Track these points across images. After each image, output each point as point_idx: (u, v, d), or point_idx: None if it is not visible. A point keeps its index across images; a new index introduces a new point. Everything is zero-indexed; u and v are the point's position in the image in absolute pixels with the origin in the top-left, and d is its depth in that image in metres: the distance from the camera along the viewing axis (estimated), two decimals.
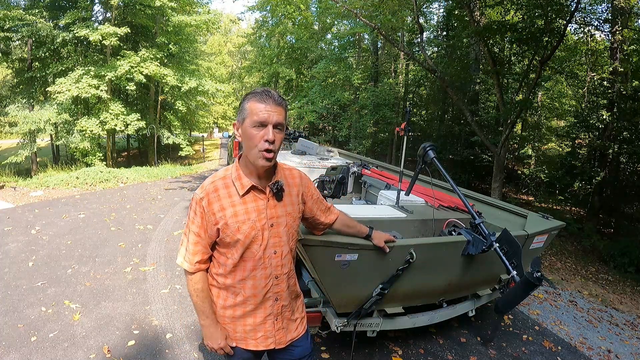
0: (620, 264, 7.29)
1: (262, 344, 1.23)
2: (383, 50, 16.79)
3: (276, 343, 1.24)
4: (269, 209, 1.17)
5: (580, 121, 10.15)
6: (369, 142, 14.06)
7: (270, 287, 1.20)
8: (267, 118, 1.07)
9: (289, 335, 1.28)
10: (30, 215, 5.68)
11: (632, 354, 3.03)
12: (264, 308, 1.21)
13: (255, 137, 1.08)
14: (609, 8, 8.59)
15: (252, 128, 1.09)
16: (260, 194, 1.17)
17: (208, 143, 26.01)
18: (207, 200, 1.14)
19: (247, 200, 1.15)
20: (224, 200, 1.14)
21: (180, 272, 3.69)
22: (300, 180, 1.30)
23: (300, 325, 1.33)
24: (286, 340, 1.27)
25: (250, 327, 1.22)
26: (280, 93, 1.23)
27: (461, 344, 2.71)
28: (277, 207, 1.19)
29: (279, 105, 1.09)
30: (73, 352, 2.36)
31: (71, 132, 13.23)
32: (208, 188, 1.16)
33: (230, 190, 1.15)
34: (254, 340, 1.22)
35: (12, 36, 12.53)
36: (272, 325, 1.23)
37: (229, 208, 1.13)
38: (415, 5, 8.39)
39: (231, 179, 1.17)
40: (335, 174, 4.05)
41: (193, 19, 14.49)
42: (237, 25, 37.08)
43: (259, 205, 1.16)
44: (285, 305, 1.25)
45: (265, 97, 1.08)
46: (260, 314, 1.21)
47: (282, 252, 1.20)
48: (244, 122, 1.11)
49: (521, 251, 1.79)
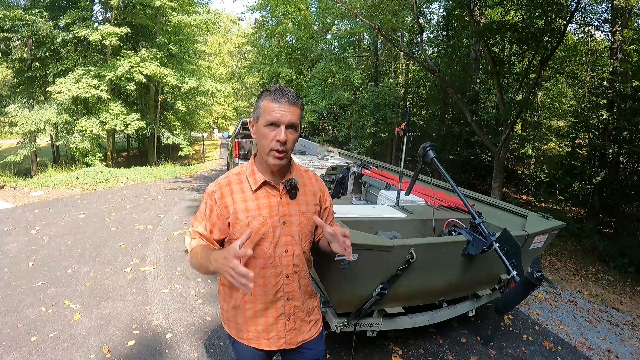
0: (620, 264, 7.28)
1: (275, 344, 1.22)
2: (383, 50, 16.78)
3: (286, 343, 1.23)
4: (281, 206, 1.15)
5: (580, 121, 10.15)
6: (369, 142, 14.04)
7: (280, 287, 1.18)
8: (280, 118, 1.05)
9: (300, 336, 1.26)
10: (30, 215, 5.68)
11: (632, 354, 3.02)
12: (275, 308, 1.19)
13: (268, 137, 1.07)
14: (609, 8, 8.59)
15: (265, 127, 1.07)
16: (273, 190, 1.15)
17: (208, 143, 26.01)
18: (219, 194, 1.14)
19: (260, 196, 1.14)
20: (236, 195, 1.14)
21: (180, 272, 3.69)
22: (316, 182, 1.28)
23: (314, 327, 1.31)
24: (297, 341, 1.25)
25: (263, 327, 1.20)
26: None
27: (461, 344, 2.71)
28: (290, 205, 1.17)
29: (293, 104, 1.07)
30: (73, 352, 2.36)
31: (71, 132, 13.24)
32: (222, 182, 1.16)
33: (244, 185, 1.15)
34: (266, 340, 1.21)
35: (12, 36, 12.53)
36: (284, 325, 1.22)
37: (241, 203, 1.13)
38: (415, 5, 8.39)
39: (245, 175, 1.17)
40: (335, 174, 4.05)
41: (193, 19, 14.51)
42: (237, 25, 37.11)
43: (272, 201, 1.15)
44: (297, 306, 1.23)
45: (279, 97, 1.06)
46: (272, 313, 1.20)
47: (293, 251, 1.18)
48: (258, 121, 1.10)
49: (521, 251, 1.79)
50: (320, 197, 1.27)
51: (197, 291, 3.31)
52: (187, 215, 6.02)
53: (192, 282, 3.47)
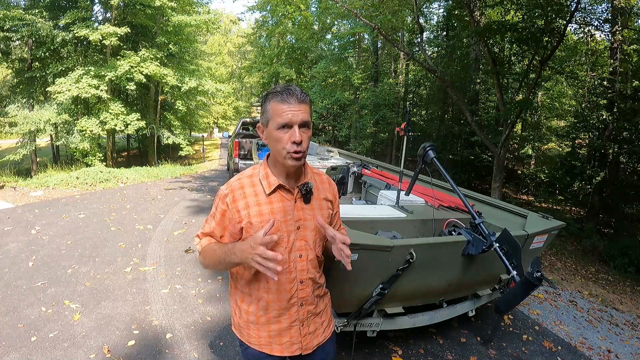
0: (620, 264, 7.29)
1: (288, 349, 1.19)
2: (383, 50, 16.79)
3: (302, 349, 1.20)
4: (296, 210, 1.12)
5: (580, 121, 10.15)
6: (369, 142, 14.05)
7: (294, 292, 1.15)
8: (292, 119, 1.01)
9: (315, 340, 1.23)
10: (30, 215, 5.68)
11: (632, 354, 3.02)
12: (289, 314, 1.17)
13: (282, 140, 1.03)
14: (609, 8, 8.60)
15: (277, 130, 1.03)
16: (287, 194, 1.12)
17: (208, 143, 26.00)
18: (231, 197, 1.11)
19: (274, 200, 1.10)
20: (249, 199, 1.10)
21: (180, 272, 3.69)
22: (329, 186, 1.25)
23: (328, 328, 1.29)
24: (313, 345, 1.23)
25: (276, 333, 1.18)
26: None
27: (461, 344, 2.71)
28: (305, 210, 1.14)
29: (302, 102, 1.03)
30: (73, 352, 2.36)
31: (71, 132, 13.22)
32: (234, 185, 1.12)
33: (257, 188, 1.11)
34: (279, 346, 1.18)
35: (12, 36, 12.51)
36: (298, 331, 1.19)
37: (254, 207, 1.09)
38: (415, 5, 8.40)
39: (258, 178, 1.12)
40: (335, 174, 4.06)
41: (193, 19, 14.49)
42: (237, 25, 37.10)
43: (286, 206, 1.11)
44: (311, 310, 1.21)
45: (287, 97, 1.01)
46: (286, 320, 1.17)
47: (307, 256, 1.15)
48: (268, 125, 1.05)
49: (521, 251, 1.79)
50: (332, 201, 1.24)
51: (197, 291, 3.31)
52: (187, 215, 6.02)
53: (192, 282, 3.47)
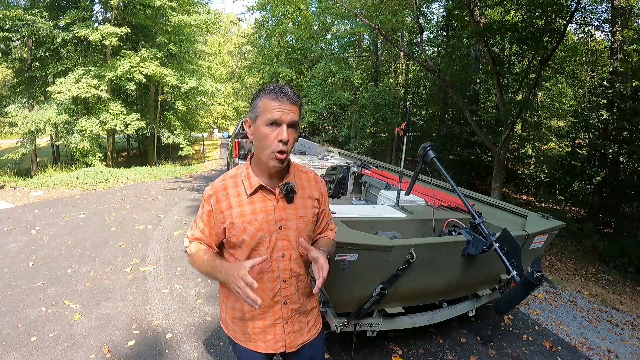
0: (620, 264, 7.29)
1: (272, 347, 1.21)
2: (383, 50, 16.79)
3: (286, 347, 1.22)
4: (277, 210, 1.12)
5: (580, 121, 10.16)
6: (369, 142, 14.06)
7: (278, 291, 1.17)
8: (282, 117, 1.01)
9: (300, 338, 1.25)
10: (30, 215, 5.68)
11: (632, 354, 3.02)
12: (272, 312, 1.18)
13: (269, 137, 1.03)
14: (609, 8, 8.60)
15: (264, 127, 1.03)
16: (269, 195, 1.12)
17: (208, 143, 26.01)
18: (215, 198, 1.12)
19: (255, 200, 1.11)
20: (232, 199, 1.11)
21: (180, 272, 3.69)
22: (316, 184, 1.24)
23: (313, 328, 1.30)
24: (297, 343, 1.24)
25: (260, 330, 1.19)
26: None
27: (461, 344, 2.71)
28: (287, 209, 1.14)
29: (293, 103, 1.03)
30: (73, 352, 2.36)
31: (71, 132, 13.22)
32: (217, 186, 1.14)
33: (239, 189, 1.12)
34: (263, 343, 1.20)
35: (12, 36, 12.53)
36: (282, 328, 1.20)
37: (237, 207, 1.10)
38: (415, 5, 8.39)
39: (241, 178, 1.13)
40: (335, 174, 4.05)
41: (193, 19, 14.50)
42: (237, 25, 37.05)
43: (267, 206, 1.12)
44: (296, 309, 1.22)
45: (279, 95, 1.02)
46: (269, 317, 1.19)
47: (290, 255, 1.16)
48: (256, 120, 1.05)
49: (521, 251, 1.79)
50: (318, 199, 1.23)
51: (197, 291, 3.31)
52: (187, 215, 6.02)
53: (192, 282, 3.47)
